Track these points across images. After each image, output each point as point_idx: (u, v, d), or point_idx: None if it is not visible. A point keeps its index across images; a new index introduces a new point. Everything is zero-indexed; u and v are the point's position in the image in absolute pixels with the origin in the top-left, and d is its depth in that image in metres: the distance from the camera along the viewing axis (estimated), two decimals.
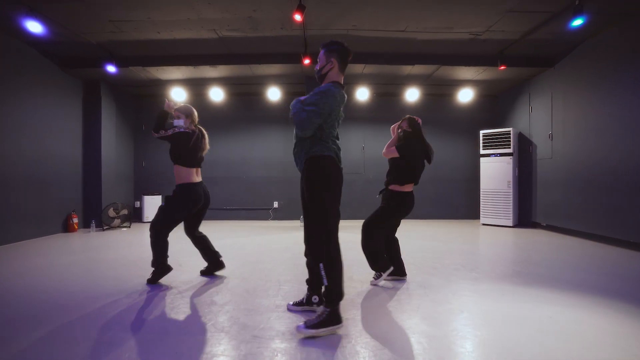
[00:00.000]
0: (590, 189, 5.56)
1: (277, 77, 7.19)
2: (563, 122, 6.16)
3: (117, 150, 7.72)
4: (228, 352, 2.04)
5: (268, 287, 3.24)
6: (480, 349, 2.08)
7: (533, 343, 2.13)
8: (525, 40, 5.64)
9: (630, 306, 2.73)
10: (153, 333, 2.29)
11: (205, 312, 2.65)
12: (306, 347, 2.09)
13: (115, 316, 2.57)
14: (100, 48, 5.90)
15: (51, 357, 2.00)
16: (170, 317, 2.56)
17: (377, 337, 2.23)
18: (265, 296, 3.00)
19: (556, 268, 3.92)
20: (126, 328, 2.36)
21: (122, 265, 4.10)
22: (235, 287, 3.26)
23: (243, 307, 2.74)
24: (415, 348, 2.08)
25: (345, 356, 1.99)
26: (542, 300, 2.88)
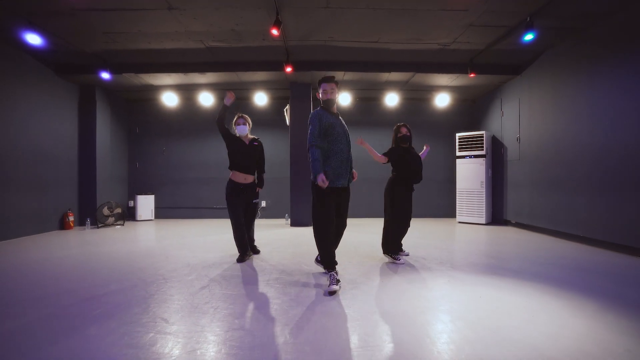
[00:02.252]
0: (551, 189, 5.99)
1: (263, 83, 7.60)
2: (528, 126, 6.60)
3: (112, 152, 8.11)
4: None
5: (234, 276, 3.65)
6: (425, 314, 2.50)
7: (456, 315, 2.55)
8: (490, 50, 6.07)
9: (559, 290, 3.15)
10: (136, 307, 2.70)
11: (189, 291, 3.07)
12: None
13: (104, 297, 2.97)
14: (94, 56, 6.30)
15: (51, 330, 2.41)
16: (150, 296, 2.96)
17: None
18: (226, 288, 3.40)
19: (510, 260, 4.34)
20: (115, 306, 2.77)
21: (114, 258, 4.50)
22: (213, 275, 3.67)
23: (222, 292, 3.15)
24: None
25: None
26: (483, 284, 3.30)
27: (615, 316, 2.54)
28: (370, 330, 2.35)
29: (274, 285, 3.33)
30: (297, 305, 2.79)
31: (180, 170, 8.80)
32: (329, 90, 3.31)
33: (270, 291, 3.15)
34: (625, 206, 4.60)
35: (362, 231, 6.67)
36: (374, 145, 8.80)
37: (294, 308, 2.74)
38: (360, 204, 8.77)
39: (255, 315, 2.60)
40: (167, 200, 8.80)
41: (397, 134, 4.43)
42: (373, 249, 5.01)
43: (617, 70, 4.70)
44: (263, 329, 2.37)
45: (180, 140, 8.83)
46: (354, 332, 2.31)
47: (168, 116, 8.78)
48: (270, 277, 3.60)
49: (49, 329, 2.37)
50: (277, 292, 3.12)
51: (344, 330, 2.34)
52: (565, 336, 2.23)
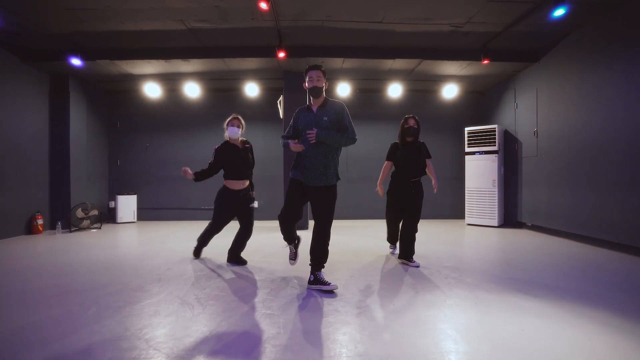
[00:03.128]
0: (575, 188, 5.35)
1: (254, 71, 6.91)
2: (548, 119, 5.95)
3: (89, 149, 7.40)
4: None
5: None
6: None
7: (504, 356, 1.89)
8: (508, 33, 5.41)
9: (609, 316, 2.50)
10: (77, 343, 2.02)
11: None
12: None
13: (41, 330, 2.29)
14: (64, 40, 5.59)
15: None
16: (101, 329, 2.29)
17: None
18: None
19: (536, 272, 3.69)
20: (45, 346, 2.09)
21: (74, 271, 3.81)
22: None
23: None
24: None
25: None
26: (516, 309, 2.64)
27: None
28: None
29: (259, 310, 2.66)
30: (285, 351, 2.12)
31: (165, 168, 8.10)
32: (315, 77, 3.13)
33: (251, 323, 2.48)
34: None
35: (364, 234, 6.00)
36: (374, 141, 8.19)
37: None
38: (361, 204, 8.11)
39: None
40: (150, 201, 8.11)
41: (404, 125, 4.12)
42: (377, 257, 4.34)
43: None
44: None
45: (164, 135, 8.13)
46: None
47: (151, 109, 8.08)
48: (258, 298, 2.92)
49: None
50: (264, 325, 2.44)
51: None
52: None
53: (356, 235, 5.99)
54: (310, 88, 3.13)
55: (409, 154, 4.04)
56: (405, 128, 4.07)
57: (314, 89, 3.12)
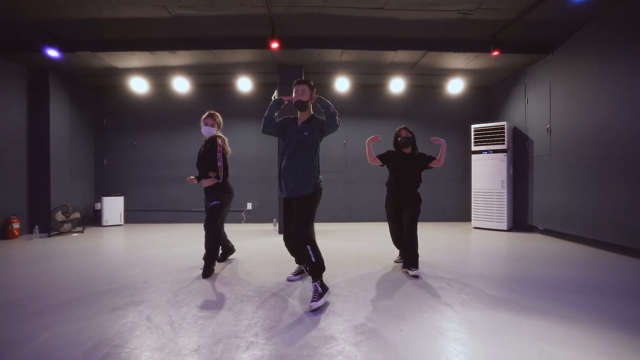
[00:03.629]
0: (593, 189, 4.92)
1: (246, 65, 6.46)
2: (563, 115, 5.51)
3: (72, 147, 6.95)
4: None
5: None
6: None
7: None
8: (521, 22, 4.97)
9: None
10: None
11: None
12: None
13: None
14: (39, 30, 5.15)
15: None
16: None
17: None
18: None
19: (562, 286, 3.25)
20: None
21: (38, 284, 3.37)
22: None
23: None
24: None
25: None
26: (540, 337, 2.21)
27: None
28: None
29: (242, 338, 2.22)
30: None
31: (154, 168, 7.65)
32: (300, 91, 3.13)
33: (228, 358, 2.04)
34: None
35: (363, 239, 5.56)
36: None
37: None
38: (360, 206, 7.67)
39: None
40: (138, 202, 7.66)
41: (397, 138, 3.95)
42: (378, 265, 3.90)
43: None
44: None
45: (153, 133, 7.69)
46: None
47: (139, 106, 7.63)
48: (241, 321, 2.48)
49: None
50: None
51: None
52: None
53: (355, 241, 5.56)
54: (295, 102, 3.14)
55: (406, 166, 3.85)
56: (399, 141, 3.91)
57: (298, 103, 3.13)
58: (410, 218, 3.74)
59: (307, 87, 3.13)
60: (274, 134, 3.21)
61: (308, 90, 3.13)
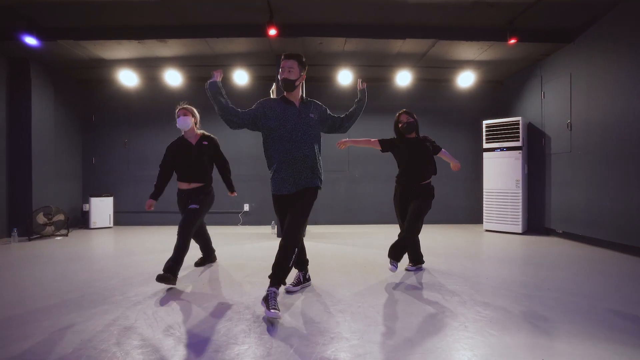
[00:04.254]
0: (621, 189, 4.48)
1: (242, 56, 6.03)
2: (586, 109, 5.08)
3: (57, 145, 6.52)
4: None
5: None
6: None
7: None
8: (542, 5, 4.54)
9: None
10: None
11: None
12: None
13: None
14: (14, 14, 4.72)
15: None
16: None
17: None
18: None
19: (587, 299, 2.81)
20: None
21: (5, 295, 2.94)
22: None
23: None
24: None
25: None
26: (552, 354, 1.78)
27: None
28: None
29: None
30: None
31: (145, 167, 7.21)
32: (287, 68, 2.67)
33: None
34: None
35: (369, 244, 5.12)
36: (380, 134, 7.24)
37: None
38: (364, 207, 7.24)
39: None
40: (128, 203, 7.23)
41: (398, 125, 3.59)
42: (386, 272, 3.46)
43: None
44: None
45: (144, 129, 7.25)
46: None
47: (129, 101, 7.20)
48: (227, 349, 2.05)
49: None
50: None
51: None
52: None
53: (359, 245, 5.12)
54: (282, 80, 2.70)
55: (413, 153, 3.49)
56: (400, 127, 3.55)
57: (285, 82, 2.68)
58: (417, 207, 3.37)
59: (297, 64, 2.69)
60: (249, 125, 2.76)
61: (297, 67, 2.69)
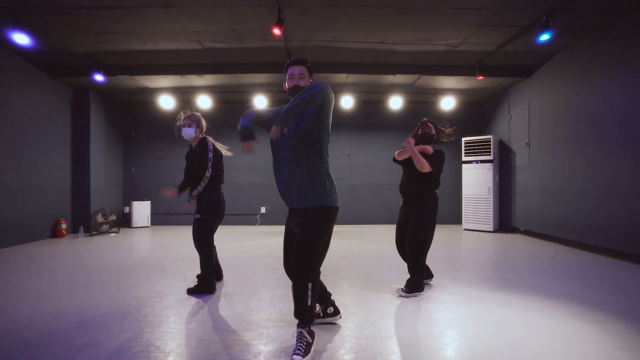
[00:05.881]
0: (564, 196, 5.75)
1: (263, 85, 7.35)
2: (539, 131, 6.36)
3: (106, 157, 7.83)
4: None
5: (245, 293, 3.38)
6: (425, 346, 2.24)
7: (479, 343, 2.29)
8: (501, 52, 5.84)
9: (589, 311, 2.89)
10: (128, 331, 2.42)
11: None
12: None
13: (95, 319, 2.70)
14: (87, 57, 6.03)
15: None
16: (144, 318, 2.69)
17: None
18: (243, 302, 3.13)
19: (528, 274, 4.09)
20: (105, 331, 2.49)
21: (107, 271, 4.22)
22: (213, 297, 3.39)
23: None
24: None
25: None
26: (502, 303, 3.04)
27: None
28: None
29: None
30: None
31: (177, 175, 8.44)
32: (297, 75, 2.38)
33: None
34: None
35: (367, 239, 6.40)
36: (376, 150, 8.63)
37: None
38: (364, 210, 8.51)
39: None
40: (163, 206, 8.51)
41: (419, 131, 3.53)
42: (389, 262, 4.74)
43: (637, 69, 4.45)
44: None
45: (176, 144, 8.51)
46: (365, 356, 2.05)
47: (164, 119, 8.49)
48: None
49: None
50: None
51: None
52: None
53: (358, 240, 6.38)
54: (291, 88, 2.38)
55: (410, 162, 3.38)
56: (421, 135, 3.50)
57: (297, 89, 2.34)
58: (411, 234, 3.35)
59: (306, 70, 2.40)
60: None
61: (307, 74, 2.40)
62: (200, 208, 3.45)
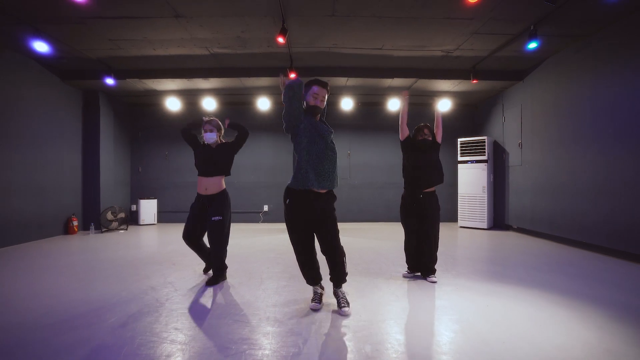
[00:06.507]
0: (554, 195, 6.03)
1: (266, 88, 7.64)
2: (531, 132, 6.64)
3: (115, 157, 8.13)
4: None
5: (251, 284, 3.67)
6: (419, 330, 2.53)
7: (465, 325, 2.58)
8: (494, 57, 6.12)
9: (567, 299, 3.18)
10: (148, 315, 2.71)
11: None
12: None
13: (117, 305, 2.99)
14: (99, 62, 6.32)
15: (65, 340, 2.42)
16: (161, 305, 2.98)
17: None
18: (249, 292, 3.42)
19: (515, 267, 4.38)
20: (127, 315, 2.79)
21: (121, 265, 4.51)
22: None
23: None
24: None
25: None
26: (489, 293, 3.33)
27: (623, 326, 2.57)
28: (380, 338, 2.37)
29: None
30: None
31: (182, 175, 8.81)
32: (320, 97, 2.80)
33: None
34: (627, 211, 4.64)
35: (368, 235, 6.69)
36: (375, 150, 8.92)
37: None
38: (363, 208, 8.80)
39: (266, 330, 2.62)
40: (169, 204, 8.81)
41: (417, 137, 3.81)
42: (385, 256, 5.02)
43: (620, 74, 4.73)
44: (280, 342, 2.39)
45: (182, 144, 8.81)
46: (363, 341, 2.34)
47: (171, 121, 8.79)
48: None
49: (62, 340, 2.38)
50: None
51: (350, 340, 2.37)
52: (577, 347, 2.26)
53: (360, 239, 6.68)
54: (313, 106, 2.79)
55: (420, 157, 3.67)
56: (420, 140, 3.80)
57: (317, 109, 2.80)
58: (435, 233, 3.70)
59: (326, 93, 2.83)
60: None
61: (325, 98, 2.85)
62: (219, 211, 3.69)
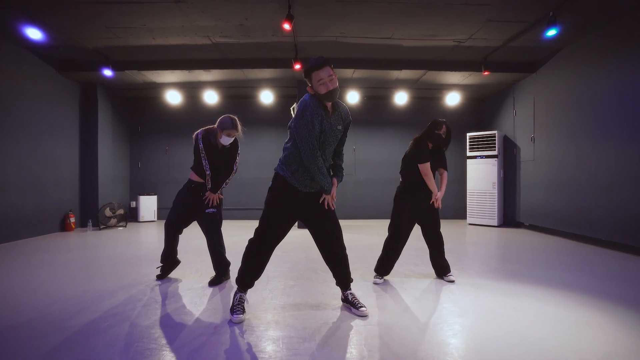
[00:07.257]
0: (568, 190, 5.80)
1: (269, 80, 7.40)
2: (544, 126, 6.41)
3: (114, 152, 7.90)
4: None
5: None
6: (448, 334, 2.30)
7: (497, 327, 2.36)
8: (507, 47, 5.87)
9: (598, 301, 2.96)
10: (144, 317, 2.50)
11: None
12: None
13: (115, 307, 2.77)
14: (96, 53, 6.08)
15: (56, 343, 2.20)
16: (161, 306, 2.76)
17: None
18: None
19: (534, 266, 4.15)
20: (123, 319, 2.57)
21: (119, 262, 4.29)
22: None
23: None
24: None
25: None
26: (512, 293, 3.11)
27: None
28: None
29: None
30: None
31: (183, 170, 8.56)
32: (327, 79, 2.34)
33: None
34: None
35: (373, 232, 6.47)
36: (381, 143, 8.68)
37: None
38: (369, 204, 8.58)
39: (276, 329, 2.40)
40: (169, 201, 8.50)
41: (434, 130, 3.49)
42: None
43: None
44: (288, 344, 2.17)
45: (183, 139, 8.60)
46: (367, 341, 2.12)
47: (171, 115, 8.57)
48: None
49: (57, 338, 2.16)
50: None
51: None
52: (622, 355, 2.03)
53: (367, 235, 6.46)
54: (326, 93, 2.37)
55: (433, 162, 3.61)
56: (437, 134, 3.50)
57: (333, 94, 2.38)
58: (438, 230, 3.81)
59: (332, 70, 2.38)
60: None
61: (333, 72, 2.38)
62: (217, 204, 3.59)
